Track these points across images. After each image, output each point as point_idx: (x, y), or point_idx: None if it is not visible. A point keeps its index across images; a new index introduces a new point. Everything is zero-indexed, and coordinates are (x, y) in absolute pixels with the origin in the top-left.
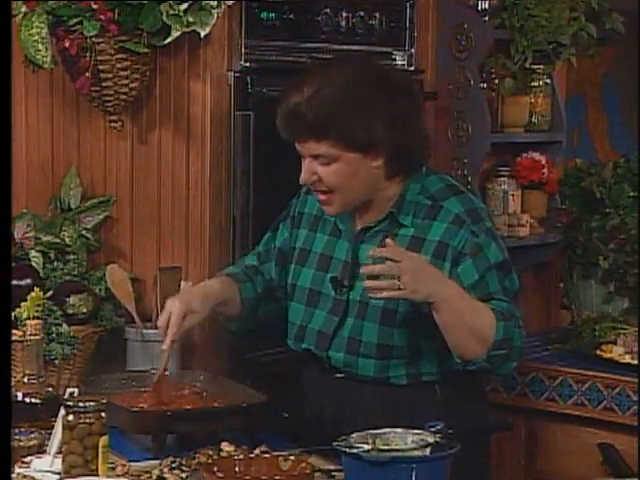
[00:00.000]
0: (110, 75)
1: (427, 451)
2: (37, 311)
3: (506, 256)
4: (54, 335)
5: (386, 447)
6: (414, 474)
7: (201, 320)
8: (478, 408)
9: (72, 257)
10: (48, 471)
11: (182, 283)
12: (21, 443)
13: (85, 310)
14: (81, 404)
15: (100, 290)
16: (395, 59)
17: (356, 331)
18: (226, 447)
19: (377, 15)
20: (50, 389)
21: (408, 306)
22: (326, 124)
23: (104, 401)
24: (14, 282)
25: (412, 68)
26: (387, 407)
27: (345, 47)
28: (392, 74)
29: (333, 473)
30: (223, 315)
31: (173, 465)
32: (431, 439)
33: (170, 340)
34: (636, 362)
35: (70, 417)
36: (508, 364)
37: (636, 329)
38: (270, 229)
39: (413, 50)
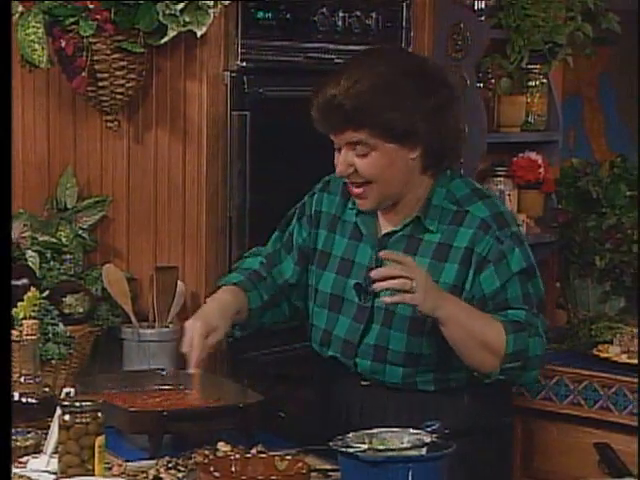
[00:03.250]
0: (106, 75)
1: (423, 451)
2: (33, 311)
3: (531, 261)
4: (50, 335)
5: (383, 447)
6: (410, 474)
7: (223, 336)
8: (505, 411)
9: (68, 257)
10: (44, 471)
11: (178, 283)
12: (17, 443)
13: (81, 310)
14: (77, 404)
15: (96, 290)
16: None
17: (383, 339)
18: (223, 447)
19: (374, 15)
20: (46, 389)
21: None
22: (364, 113)
23: (100, 401)
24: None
25: None
26: (415, 412)
27: (342, 47)
28: (428, 66)
29: (329, 473)
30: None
31: (169, 465)
32: (428, 439)
33: (196, 362)
34: (632, 361)
35: (66, 417)
36: (528, 374)
37: (632, 328)
38: (278, 229)
39: (410, 50)
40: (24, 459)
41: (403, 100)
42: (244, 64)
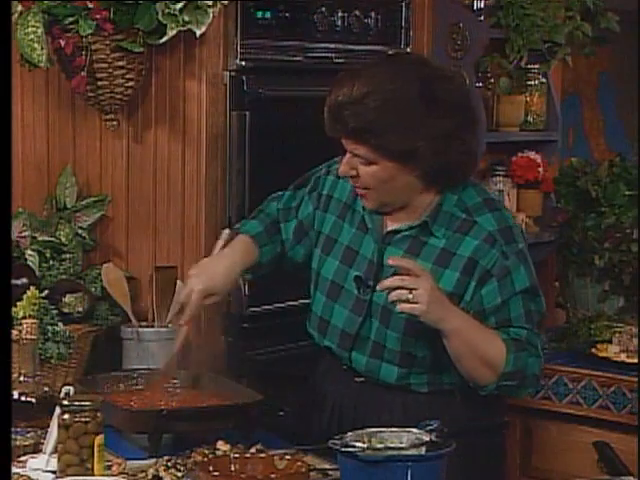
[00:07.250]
0: (106, 74)
1: (422, 450)
2: (33, 310)
3: (533, 280)
4: (50, 334)
5: (382, 446)
6: (409, 473)
7: (221, 298)
8: (498, 411)
9: (68, 256)
10: (44, 470)
11: (178, 282)
12: (17, 442)
13: (81, 309)
14: (77, 403)
15: (96, 289)
16: None
17: (380, 337)
18: (222, 446)
19: (373, 14)
20: (46, 388)
21: None
22: (366, 132)
23: (100, 400)
24: None
25: None
26: (408, 411)
27: (341, 46)
28: (446, 83)
29: (329, 472)
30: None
31: (169, 464)
32: (426, 438)
33: (188, 318)
34: (631, 361)
35: (66, 416)
36: (522, 391)
37: (631, 328)
38: (290, 188)
39: (409, 49)
40: (23, 458)
41: (407, 123)
42: (243, 64)
